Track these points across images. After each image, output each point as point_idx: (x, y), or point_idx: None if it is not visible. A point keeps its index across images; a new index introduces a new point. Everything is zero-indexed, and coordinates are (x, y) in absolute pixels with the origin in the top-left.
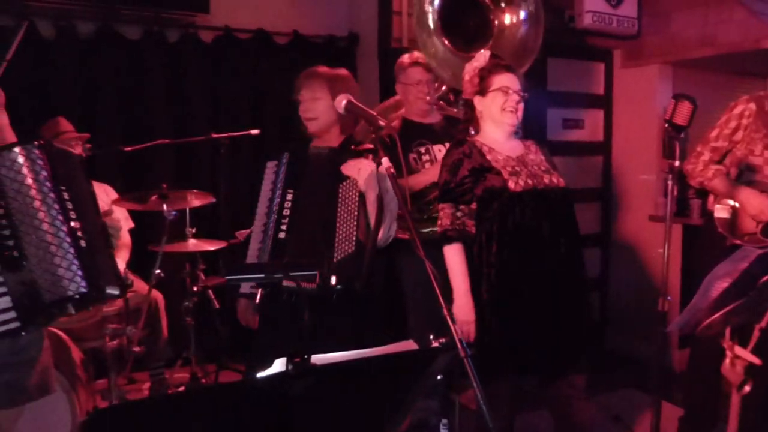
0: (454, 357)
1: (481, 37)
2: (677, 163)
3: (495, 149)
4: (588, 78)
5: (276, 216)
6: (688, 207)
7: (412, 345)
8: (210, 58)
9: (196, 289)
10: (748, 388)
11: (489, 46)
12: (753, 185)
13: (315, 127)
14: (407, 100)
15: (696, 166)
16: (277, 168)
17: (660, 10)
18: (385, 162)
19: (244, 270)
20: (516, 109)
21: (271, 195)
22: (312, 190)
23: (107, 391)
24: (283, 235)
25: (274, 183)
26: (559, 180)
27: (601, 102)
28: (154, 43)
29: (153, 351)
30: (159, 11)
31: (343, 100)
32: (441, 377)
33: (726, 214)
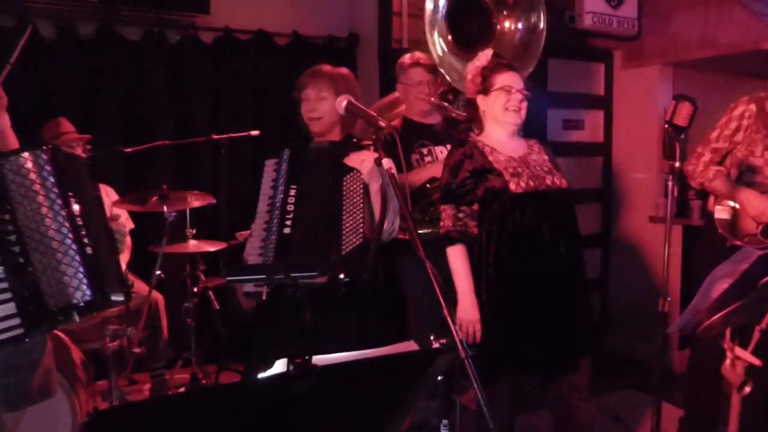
0: (454, 358)
1: (482, 39)
2: (677, 163)
3: (497, 150)
4: (588, 79)
5: (279, 212)
6: (689, 208)
7: (412, 346)
8: (210, 58)
9: (197, 290)
10: (748, 388)
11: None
12: (753, 186)
13: (319, 127)
14: (408, 100)
15: (696, 167)
16: (277, 165)
17: (660, 10)
18: (386, 162)
19: (244, 271)
20: (519, 108)
21: (273, 192)
22: (315, 185)
23: (108, 392)
24: (288, 231)
25: (275, 180)
26: (561, 181)
27: (602, 103)
28: (155, 44)
29: (153, 352)
30: (159, 12)
31: (343, 101)
32: (442, 378)
33: (726, 215)
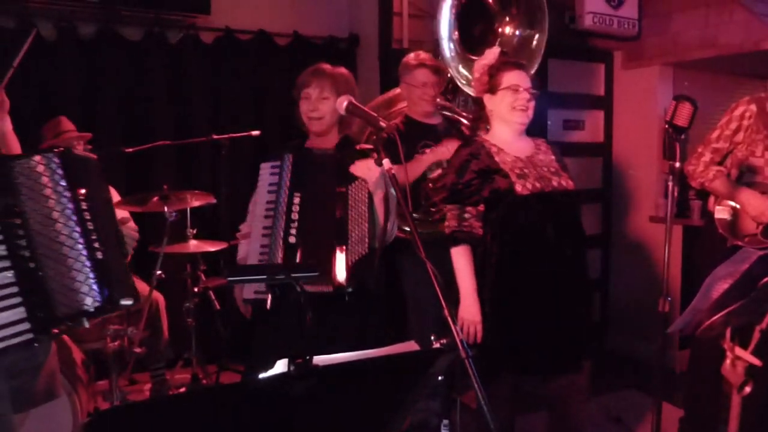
0: (455, 358)
1: (484, 42)
2: (678, 164)
3: (504, 150)
4: (588, 79)
5: (284, 219)
6: (689, 208)
7: (413, 346)
8: (210, 59)
9: (197, 290)
10: (748, 389)
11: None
12: (754, 186)
13: (319, 126)
14: (411, 101)
15: (697, 167)
16: (278, 169)
17: (660, 11)
18: (386, 163)
19: (245, 271)
20: (526, 108)
21: (275, 197)
22: (320, 193)
23: (108, 392)
24: (293, 240)
25: (277, 185)
26: (567, 182)
27: (602, 103)
28: (155, 44)
29: (154, 352)
30: (160, 12)
31: (344, 101)
32: (442, 378)
33: (726, 215)
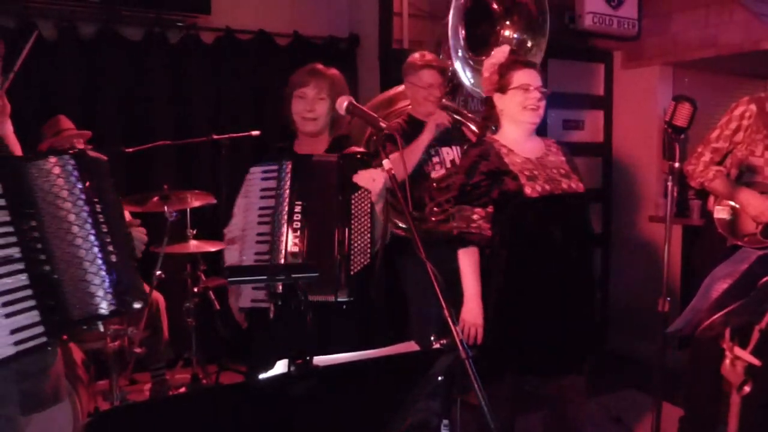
0: (455, 358)
1: (485, 43)
2: (677, 164)
3: (514, 151)
4: (588, 79)
5: (286, 228)
6: (688, 208)
7: (413, 346)
8: (211, 59)
9: (197, 290)
10: (748, 388)
11: (488, 54)
12: (753, 186)
13: (314, 127)
14: (415, 101)
15: (696, 167)
16: (272, 174)
17: (660, 11)
18: (386, 164)
19: (245, 272)
20: (537, 107)
21: (272, 204)
22: (323, 202)
23: (108, 392)
24: (296, 249)
25: (274, 191)
26: (577, 185)
27: (602, 103)
28: (156, 44)
29: (154, 352)
30: (160, 12)
31: (344, 102)
32: (443, 378)
33: (726, 214)
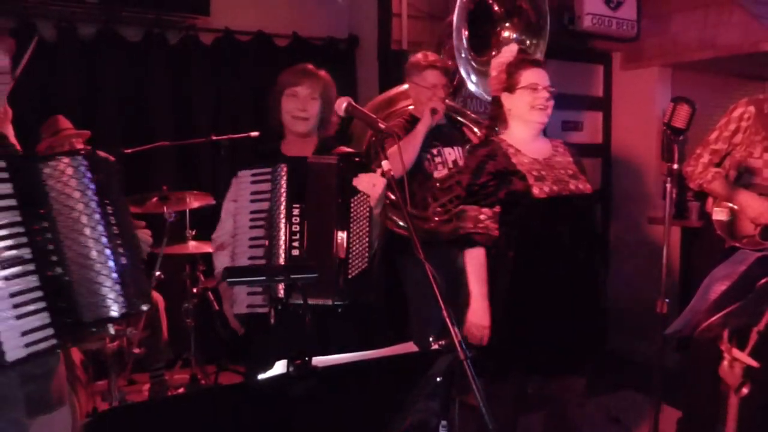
0: (454, 359)
1: (487, 45)
2: (676, 165)
3: (521, 151)
4: (587, 80)
5: (285, 232)
6: (687, 209)
7: (411, 347)
8: (210, 59)
9: (196, 290)
10: (746, 390)
11: (489, 55)
12: (752, 188)
13: (304, 127)
14: (419, 101)
15: (695, 169)
16: (264, 177)
17: (659, 12)
18: (385, 165)
19: (245, 273)
20: (546, 106)
21: (266, 207)
22: (321, 204)
23: (107, 393)
24: (297, 253)
25: (268, 194)
26: (585, 186)
27: (601, 104)
28: (155, 45)
29: (153, 352)
30: (160, 13)
31: (343, 103)
32: (442, 379)
33: (725, 216)
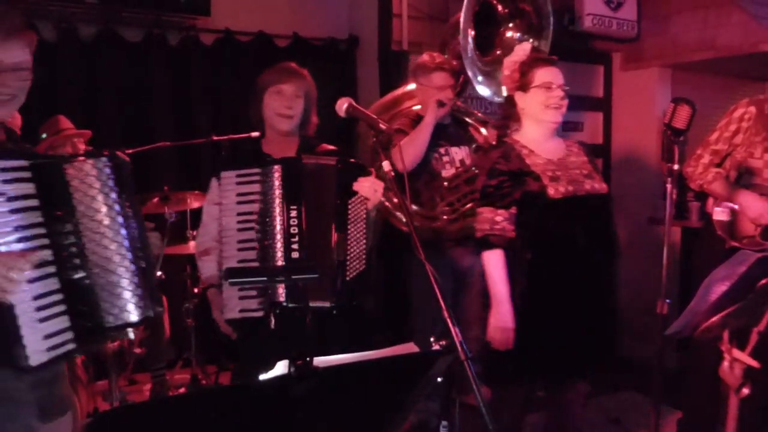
0: (455, 359)
1: (489, 45)
2: (676, 166)
3: (535, 152)
4: (587, 80)
5: (282, 234)
6: (688, 210)
7: (412, 348)
8: (210, 60)
9: (197, 290)
10: (746, 391)
11: (494, 55)
12: (752, 188)
13: (289, 125)
14: (426, 102)
15: (696, 169)
16: (253, 178)
17: (660, 13)
18: (386, 165)
19: (245, 273)
20: (560, 105)
21: (256, 209)
22: (319, 207)
23: (108, 393)
24: (296, 255)
25: (259, 194)
26: (600, 185)
27: (601, 105)
28: (156, 46)
29: (154, 352)
30: (160, 14)
31: (344, 104)
32: (442, 379)
33: (725, 216)
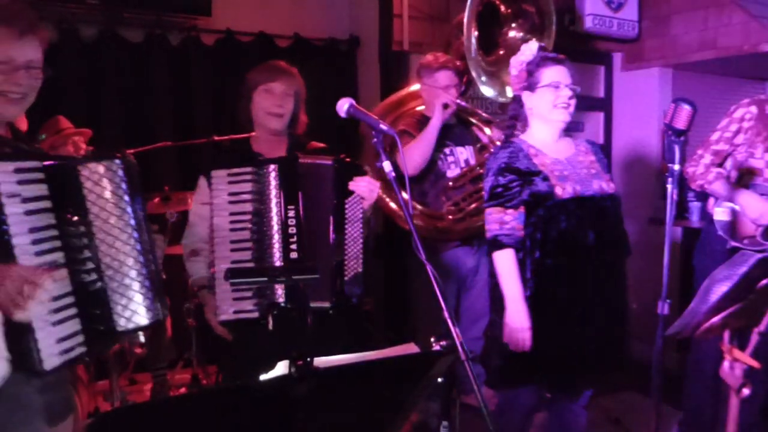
0: (455, 360)
1: (494, 45)
2: (677, 166)
3: (543, 151)
4: (588, 81)
5: (281, 234)
6: (688, 210)
7: (412, 348)
8: (211, 60)
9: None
10: (746, 391)
11: (497, 54)
12: (753, 188)
13: (279, 124)
14: (431, 102)
15: (697, 169)
16: (246, 178)
17: (660, 13)
18: (386, 166)
19: (246, 273)
20: (568, 105)
21: (251, 208)
22: (317, 207)
23: (109, 393)
24: (295, 255)
25: (252, 194)
26: (609, 185)
27: (602, 105)
28: (157, 46)
29: (155, 352)
30: (161, 14)
31: (345, 104)
32: (443, 380)
33: (726, 216)
